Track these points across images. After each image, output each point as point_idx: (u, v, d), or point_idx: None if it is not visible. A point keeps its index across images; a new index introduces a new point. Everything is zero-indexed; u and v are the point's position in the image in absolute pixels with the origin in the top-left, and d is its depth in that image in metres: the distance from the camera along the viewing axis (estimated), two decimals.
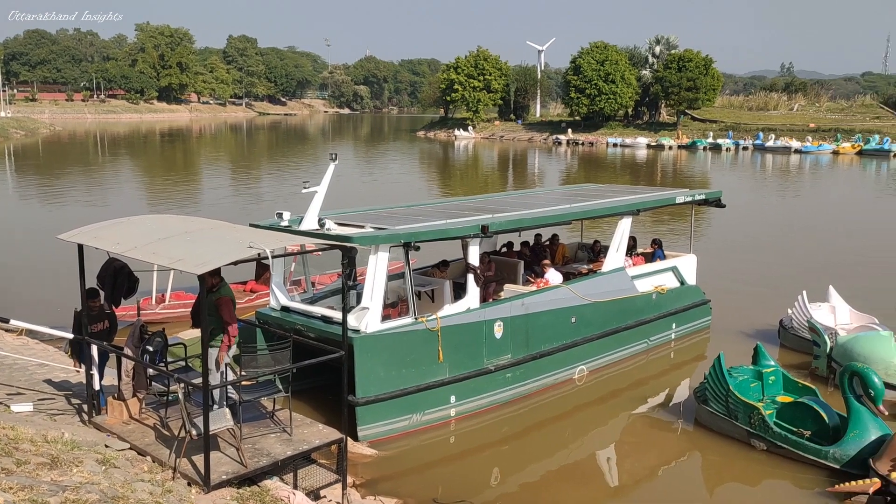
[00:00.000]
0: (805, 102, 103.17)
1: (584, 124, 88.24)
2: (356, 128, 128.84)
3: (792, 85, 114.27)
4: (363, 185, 42.18)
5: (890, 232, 27.69)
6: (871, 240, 25.94)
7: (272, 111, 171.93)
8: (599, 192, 16.17)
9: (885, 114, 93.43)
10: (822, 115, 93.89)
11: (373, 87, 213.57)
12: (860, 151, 67.96)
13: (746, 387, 10.49)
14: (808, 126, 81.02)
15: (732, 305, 16.40)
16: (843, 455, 9.16)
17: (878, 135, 72.20)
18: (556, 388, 12.17)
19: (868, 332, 12.71)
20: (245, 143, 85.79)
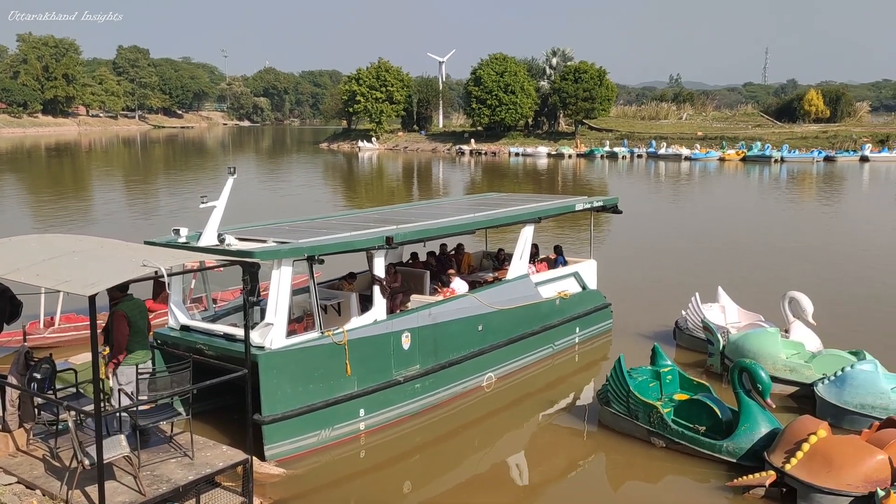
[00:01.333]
0: (693, 112, 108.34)
1: (486, 134, 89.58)
2: (257, 140, 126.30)
3: (680, 95, 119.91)
4: (265, 198, 41.34)
5: (772, 234, 29.36)
6: (755, 241, 27.43)
7: (168, 124, 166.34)
8: (503, 200, 16.43)
9: (766, 122, 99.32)
10: (708, 123, 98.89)
11: (273, 98, 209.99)
12: (744, 158, 71.88)
13: (645, 387, 10.88)
14: (697, 134, 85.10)
15: (631, 308, 16.97)
16: (735, 448, 9.61)
17: (760, 142, 76.59)
18: (465, 397, 12.26)
19: (757, 329, 13.40)
20: (139, 158, 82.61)
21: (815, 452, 8.64)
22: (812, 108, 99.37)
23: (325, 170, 67.16)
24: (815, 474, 8.48)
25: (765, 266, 22.68)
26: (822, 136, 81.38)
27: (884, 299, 18.57)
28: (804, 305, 13.49)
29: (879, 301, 18.40)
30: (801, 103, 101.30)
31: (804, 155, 71.53)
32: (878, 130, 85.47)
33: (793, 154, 71.42)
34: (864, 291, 19.36)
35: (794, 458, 8.73)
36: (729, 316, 14.81)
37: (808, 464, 8.59)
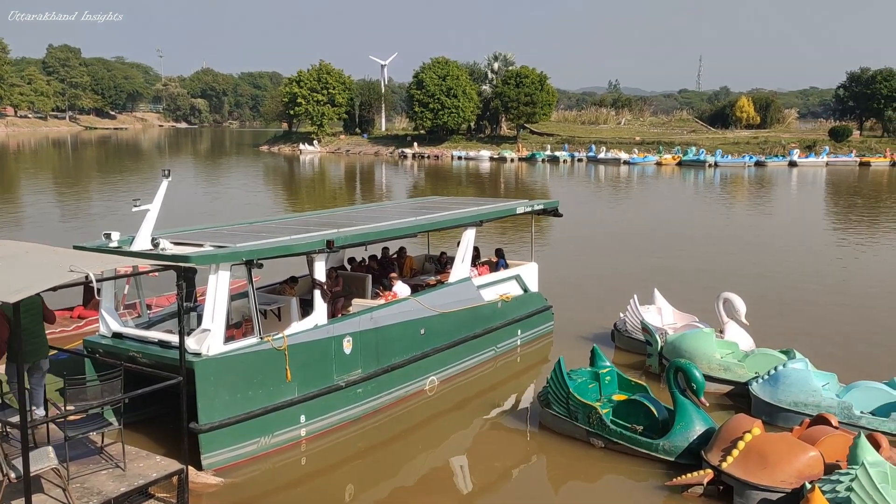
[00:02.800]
0: (631, 117, 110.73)
1: (428, 138, 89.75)
2: (195, 142, 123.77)
3: (619, 101, 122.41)
4: (202, 202, 40.54)
5: (706, 236, 30.16)
6: (691, 244, 28.14)
7: (100, 125, 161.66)
8: (445, 204, 16.45)
9: (700, 127, 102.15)
10: (646, 128, 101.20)
11: (211, 100, 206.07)
12: (680, 162, 73.73)
13: (585, 388, 11.02)
14: (635, 139, 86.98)
15: (572, 310, 17.19)
16: (672, 447, 9.80)
17: (695, 147, 78.74)
18: (407, 401, 12.20)
19: (693, 329, 13.71)
20: (70, 160, 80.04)
21: (749, 450, 8.86)
22: (743, 115, 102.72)
23: (266, 173, 66.21)
24: (751, 471, 8.70)
25: (699, 268, 23.26)
26: (753, 141, 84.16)
27: (811, 299, 19.25)
28: (737, 306, 13.86)
29: (807, 301, 19.07)
30: (734, 110, 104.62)
31: (736, 160, 73.77)
32: (805, 136, 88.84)
33: (726, 159, 73.56)
34: (793, 292, 20.03)
35: (731, 456, 8.95)
36: (665, 317, 15.13)
37: (744, 461, 8.81)
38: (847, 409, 10.81)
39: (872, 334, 16.12)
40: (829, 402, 10.95)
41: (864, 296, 19.67)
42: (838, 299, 19.28)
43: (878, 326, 16.71)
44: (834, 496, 7.89)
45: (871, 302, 19.01)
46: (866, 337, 15.91)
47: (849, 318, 17.40)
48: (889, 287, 20.69)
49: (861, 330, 16.42)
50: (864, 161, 72.92)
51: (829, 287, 20.73)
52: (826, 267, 23.79)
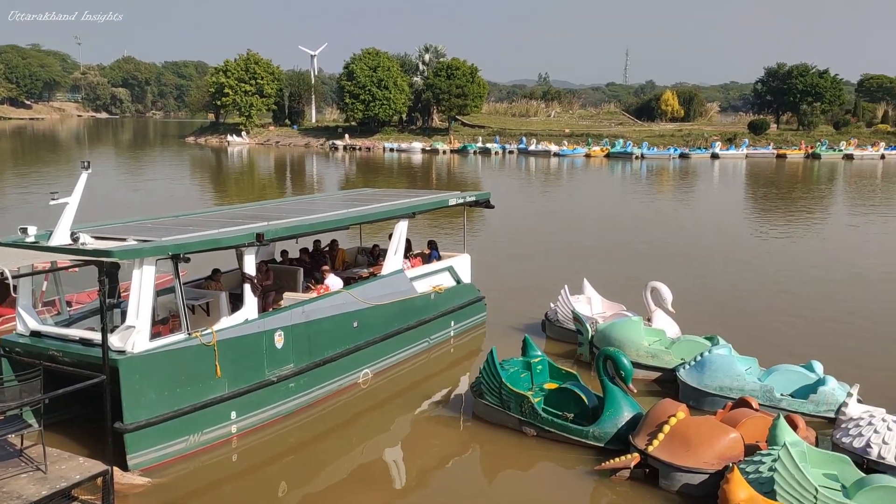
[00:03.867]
0: (560, 109, 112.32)
1: (360, 129, 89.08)
2: (116, 133, 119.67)
3: (548, 93, 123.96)
4: (125, 195, 39.27)
5: (634, 226, 30.88)
6: (619, 234, 28.77)
7: (14, 115, 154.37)
8: (377, 196, 16.37)
9: (627, 120, 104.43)
10: (575, 121, 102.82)
11: (133, 89, 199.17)
12: (608, 154, 75.23)
13: (517, 377, 11.17)
14: (564, 131, 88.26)
15: (504, 301, 17.37)
16: (601, 433, 10.04)
17: (622, 139, 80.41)
18: (341, 394, 12.13)
19: (622, 318, 14.03)
20: None
21: (674, 434, 9.15)
22: (668, 108, 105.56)
23: (192, 165, 64.55)
24: (675, 454, 8.99)
25: (627, 258, 23.82)
26: (678, 134, 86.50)
27: (733, 287, 19.95)
28: (664, 294, 14.26)
29: (729, 288, 19.75)
30: (659, 103, 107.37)
31: (662, 152, 75.71)
32: (726, 129, 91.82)
33: (652, 151, 75.42)
34: (716, 279, 20.73)
35: (656, 439, 9.22)
36: (594, 307, 15.45)
37: (669, 444, 9.10)
38: (768, 392, 11.27)
39: (790, 319, 16.82)
40: (752, 385, 11.38)
41: (781, 282, 20.50)
42: (758, 286, 20.04)
43: (795, 312, 17.45)
44: (758, 476, 8.21)
45: (789, 288, 19.84)
46: (784, 322, 16.60)
47: (767, 304, 18.11)
48: (804, 273, 21.63)
49: (779, 315, 17.12)
50: (780, 153, 75.87)
51: (750, 274, 21.52)
52: (746, 255, 24.69)
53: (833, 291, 19.47)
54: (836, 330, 15.94)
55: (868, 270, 22.10)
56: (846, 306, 17.89)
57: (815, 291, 19.53)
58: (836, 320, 16.70)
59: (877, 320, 16.68)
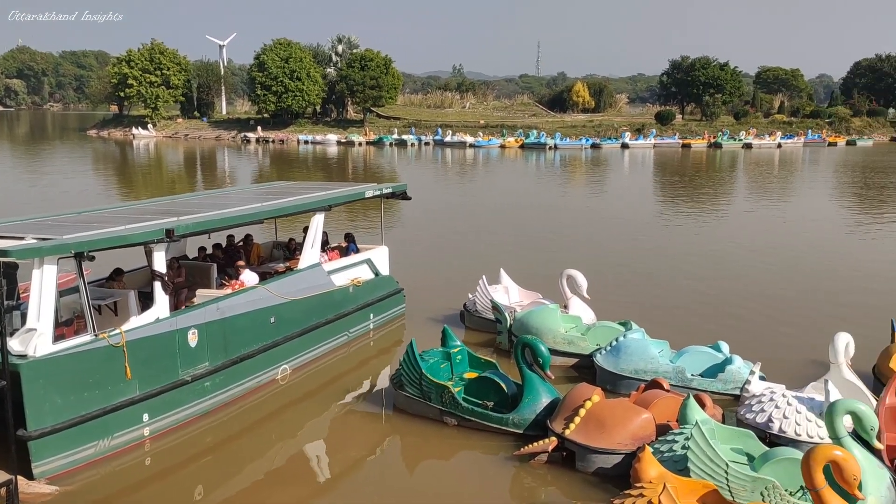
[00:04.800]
0: (475, 101, 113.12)
1: (273, 122, 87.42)
2: (11, 127, 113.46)
3: (463, 85, 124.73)
4: (22, 192, 37.34)
5: (548, 216, 31.49)
6: (534, 224, 29.26)
7: None
8: (292, 189, 16.10)
9: (540, 111, 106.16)
10: (489, 112, 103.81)
11: (29, 80, 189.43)
12: (522, 145, 76.40)
13: (437, 368, 11.23)
14: (479, 123, 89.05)
15: (423, 293, 17.40)
16: (521, 420, 10.21)
17: (536, 130, 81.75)
18: (259, 391, 11.90)
19: (539, 306, 14.28)
20: None
21: (590, 417, 9.40)
22: (579, 99, 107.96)
23: (96, 159, 61.90)
24: (591, 436, 9.24)
25: (543, 246, 24.25)
26: (589, 124, 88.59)
27: (643, 272, 20.61)
28: (580, 282, 14.59)
29: (640, 274, 20.39)
30: (570, 94, 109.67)
31: (574, 142, 77.41)
32: (635, 120, 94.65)
33: (565, 142, 77.03)
34: (628, 266, 21.36)
35: (573, 423, 9.45)
36: (512, 296, 15.68)
37: (585, 427, 9.34)
38: (680, 373, 11.72)
39: (697, 302, 17.51)
40: (665, 367, 11.80)
41: (688, 267, 21.31)
42: (667, 271, 20.77)
43: (702, 294, 18.18)
44: (672, 455, 8.52)
45: (695, 272, 20.64)
46: (692, 305, 17.27)
47: (676, 289, 18.80)
48: (709, 258, 22.55)
49: (687, 299, 17.80)
50: (685, 143, 78.79)
51: (659, 260, 22.28)
52: (655, 241, 25.53)
53: (735, 274, 20.36)
54: (739, 311, 16.69)
55: (767, 254, 23.22)
56: (748, 288, 18.75)
57: (719, 275, 20.38)
58: (740, 302, 17.47)
59: (777, 301, 17.55)
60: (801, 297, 18.00)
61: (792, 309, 16.89)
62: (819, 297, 17.91)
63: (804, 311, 16.73)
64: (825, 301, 17.56)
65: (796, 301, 17.58)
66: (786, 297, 17.87)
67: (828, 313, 16.18)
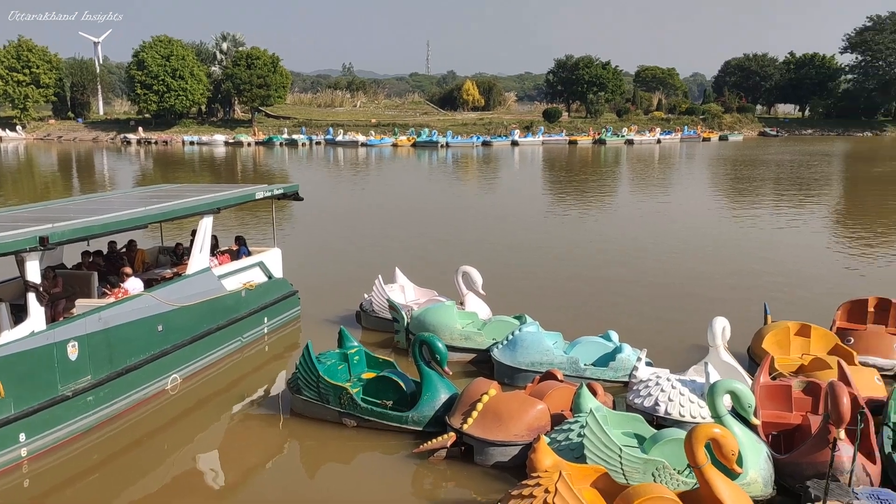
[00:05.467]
0: (366, 100, 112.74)
1: (155, 122, 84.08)
2: None
3: (353, 84, 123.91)
4: None
5: (441, 214, 31.73)
6: (428, 222, 29.43)
7: None
8: (178, 192, 15.51)
9: (432, 110, 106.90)
10: (381, 111, 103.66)
11: None
12: (415, 143, 76.69)
13: (335, 370, 11.12)
14: (371, 121, 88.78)
15: (318, 294, 17.19)
16: (420, 417, 10.25)
17: (428, 128, 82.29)
18: (148, 403, 11.41)
19: (435, 304, 14.37)
20: None
21: (487, 410, 9.55)
22: (469, 98, 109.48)
23: None
24: (488, 429, 9.39)
25: (437, 244, 24.43)
26: (480, 122, 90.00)
27: (535, 267, 21.10)
28: (474, 278, 14.78)
29: (531, 268, 20.87)
30: (461, 93, 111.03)
31: (466, 140, 78.41)
32: (523, 118, 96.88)
33: (456, 140, 77.89)
34: (520, 260, 21.82)
35: (470, 417, 9.57)
36: (408, 294, 15.71)
37: (482, 421, 9.48)
38: (574, 363, 12.07)
39: (588, 294, 18.09)
40: (560, 358, 12.13)
41: (577, 259, 21.99)
42: (557, 265, 21.35)
43: (592, 286, 18.80)
44: (569, 443, 8.76)
45: (583, 264, 21.33)
46: (583, 297, 17.83)
47: (567, 281, 19.34)
48: (596, 249, 23.34)
49: (578, 291, 18.36)
50: (572, 140, 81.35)
51: (550, 254, 22.87)
52: (547, 236, 26.19)
53: (622, 266, 21.17)
54: (627, 301, 17.36)
55: (649, 245, 24.27)
56: (634, 279, 19.54)
57: (606, 266, 21.13)
58: (627, 292, 18.18)
59: (661, 289, 18.37)
60: (683, 284, 18.91)
61: (674, 297, 17.73)
62: (698, 285, 18.87)
63: (685, 298, 17.59)
64: (704, 288, 18.52)
65: (678, 289, 18.47)
66: (669, 286, 18.74)
67: (707, 299, 17.08)
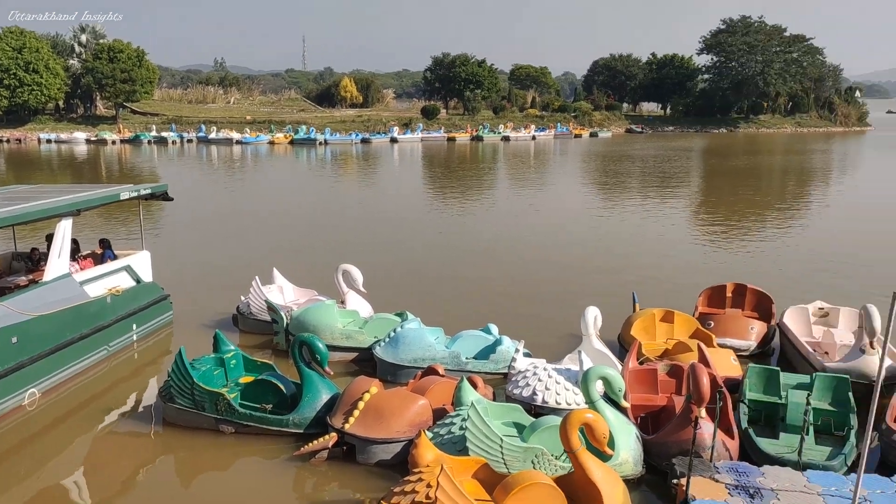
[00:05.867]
0: (240, 96, 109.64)
1: (6, 119, 78.27)
2: None
3: (226, 79, 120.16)
4: None
5: (320, 212, 31.30)
6: (306, 220, 28.95)
7: None
8: (33, 193, 14.46)
9: (309, 106, 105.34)
10: (256, 108, 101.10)
11: None
12: (292, 141, 75.26)
13: (210, 375, 10.72)
14: (246, 118, 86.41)
15: (191, 298, 16.56)
16: (301, 419, 10.06)
17: (305, 126, 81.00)
18: (2, 421, 10.59)
19: (315, 303, 14.14)
20: None
21: (368, 408, 9.50)
22: (347, 94, 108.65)
23: None
24: (370, 428, 9.34)
25: (316, 243, 24.09)
26: (358, 119, 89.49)
27: (414, 263, 21.21)
28: (355, 276, 14.67)
29: (411, 265, 20.96)
30: (338, 89, 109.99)
31: (344, 137, 77.69)
32: (402, 115, 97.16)
33: (335, 137, 77.04)
34: (400, 257, 21.86)
35: (352, 416, 9.49)
36: (287, 295, 15.40)
37: (364, 420, 9.42)
38: (456, 358, 12.21)
39: (467, 288, 18.34)
40: (442, 353, 12.23)
41: (457, 254, 22.28)
42: (436, 260, 21.55)
43: (471, 280, 19.08)
44: (451, 437, 8.85)
45: (463, 259, 21.63)
46: (463, 291, 18.07)
47: (445, 276, 19.56)
48: (475, 244, 23.73)
49: (458, 285, 18.59)
50: (450, 136, 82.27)
51: (428, 250, 23.05)
52: (425, 232, 26.38)
53: (500, 260, 21.63)
54: (505, 294, 17.75)
55: (525, 238, 24.94)
56: (511, 272, 20.01)
57: (485, 261, 21.53)
58: (505, 286, 18.58)
59: (536, 282, 18.91)
60: (558, 277, 19.53)
61: (550, 289, 18.28)
62: (573, 277, 19.54)
63: (560, 290, 18.17)
64: (578, 280, 19.20)
65: (554, 281, 19.05)
66: (545, 279, 19.30)
67: (580, 291, 17.70)
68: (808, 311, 13.97)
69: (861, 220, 29.37)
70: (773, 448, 9.17)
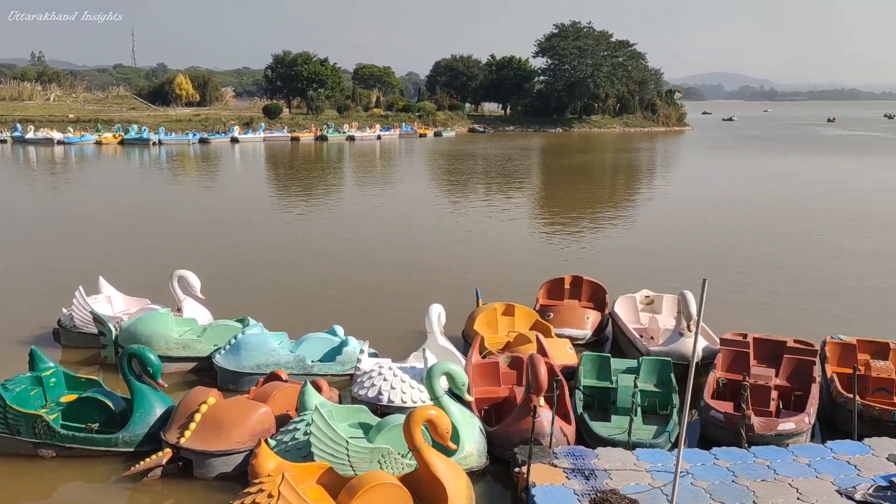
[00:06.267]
0: (62, 93, 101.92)
1: None
2: None
3: (45, 75, 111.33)
4: None
5: (153, 216, 29.67)
6: (139, 224, 27.32)
7: None
8: None
9: (140, 105, 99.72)
10: (80, 105, 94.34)
11: None
12: (122, 141, 70.88)
13: (26, 396, 9.81)
14: (69, 117, 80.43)
15: (2, 313, 15.15)
16: (132, 437, 9.43)
17: (137, 125, 76.53)
18: None
19: (148, 312, 13.33)
20: None
21: (206, 420, 9.06)
22: (183, 92, 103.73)
23: None
24: (207, 440, 8.91)
25: (147, 250, 22.77)
26: (196, 118, 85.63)
27: (256, 267, 20.53)
28: (192, 282, 13.98)
29: (253, 269, 20.27)
30: (173, 87, 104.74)
31: (181, 137, 74.11)
32: (243, 113, 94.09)
33: (170, 136, 73.33)
34: (241, 261, 21.09)
35: (188, 430, 9.01)
36: (116, 305, 14.46)
37: (201, 432, 8.97)
38: (301, 361, 11.93)
39: (310, 291, 18.00)
40: (286, 358, 11.90)
41: (298, 257, 21.84)
42: (281, 263, 20.98)
43: (314, 282, 18.73)
44: (295, 443, 8.61)
45: (305, 261, 21.25)
46: (306, 294, 17.71)
47: (289, 279, 19.08)
48: (317, 246, 23.38)
49: (300, 288, 18.19)
50: (294, 136, 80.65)
51: (271, 252, 22.41)
52: (267, 235, 25.62)
53: (341, 261, 21.42)
54: (349, 295, 17.58)
55: (368, 239, 24.89)
56: (355, 272, 19.87)
57: (328, 262, 21.26)
58: (349, 286, 18.42)
59: (381, 282, 18.89)
60: (402, 275, 19.62)
61: (395, 288, 18.33)
62: (417, 275, 19.71)
63: (405, 288, 18.26)
64: (422, 277, 19.38)
65: (398, 280, 19.12)
66: (389, 278, 19.33)
67: (424, 288, 17.87)
68: (635, 299, 14.86)
69: (679, 213, 31.75)
70: (605, 430, 9.67)
